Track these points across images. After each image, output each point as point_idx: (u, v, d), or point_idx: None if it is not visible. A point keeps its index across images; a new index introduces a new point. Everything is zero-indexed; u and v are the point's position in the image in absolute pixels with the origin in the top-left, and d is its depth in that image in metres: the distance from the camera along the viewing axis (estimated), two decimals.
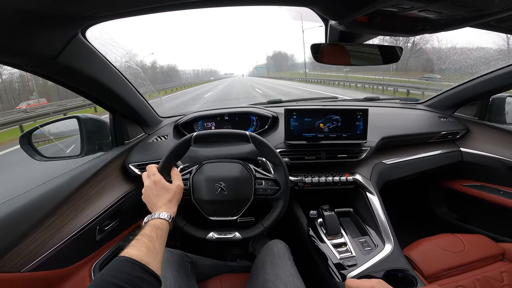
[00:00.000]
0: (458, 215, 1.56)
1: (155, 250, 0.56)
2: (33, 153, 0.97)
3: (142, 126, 1.22)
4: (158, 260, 0.56)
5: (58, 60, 0.62)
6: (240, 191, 0.85)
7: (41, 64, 0.65)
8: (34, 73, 0.67)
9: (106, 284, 0.44)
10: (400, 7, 0.52)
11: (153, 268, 0.52)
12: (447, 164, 1.39)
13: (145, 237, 0.58)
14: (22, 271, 0.68)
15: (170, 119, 1.34)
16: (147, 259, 0.52)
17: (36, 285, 0.74)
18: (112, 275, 0.46)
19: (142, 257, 0.51)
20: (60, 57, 0.62)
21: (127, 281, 0.46)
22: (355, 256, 0.93)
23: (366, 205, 1.09)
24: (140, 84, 1.10)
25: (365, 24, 0.63)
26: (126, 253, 0.51)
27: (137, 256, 0.51)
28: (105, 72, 0.84)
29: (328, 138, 1.11)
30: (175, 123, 1.28)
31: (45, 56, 0.60)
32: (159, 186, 0.73)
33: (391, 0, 0.47)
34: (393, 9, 0.54)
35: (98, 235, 0.92)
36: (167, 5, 0.53)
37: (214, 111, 1.34)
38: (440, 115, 1.45)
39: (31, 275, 0.71)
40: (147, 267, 0.50)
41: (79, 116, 1.01)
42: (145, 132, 1.24)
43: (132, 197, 1.07)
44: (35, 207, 0.75)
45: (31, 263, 0.71)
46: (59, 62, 0.63)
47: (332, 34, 0.80)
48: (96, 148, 1.07)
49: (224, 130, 0.93)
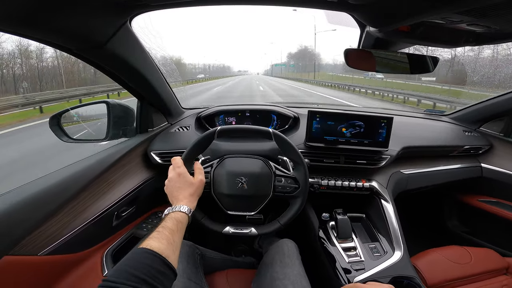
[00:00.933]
0: (468, 229, 1.55)
1: (174, 243, 0.57)
2: (60, 134, 1.00)
3: (166, 116, 1.24)
4: (177, 253, 0.56)
5: (106, 47, 0.64)
6: (260, 187, 0.86)
7: (90, 49, 0.67)
8: (81, 57, 0.69)
9: (128, 275, 0.44)
10: (449, 19, 0.51)
11: (171, 262, 0.52)
12: (466, 179, 1.37)
13: (166, 230, 0.58)
14: (38, 254, 0.68)
15: (192, 111, 1.36)
16: (167, 252, 0.52)
17: (50, 269, 0.73)
18: (133, 267, 0.46)
19: (163, 250, 0.51)
20: (108, 44, 0.64)
21: (147, 273, 0.46)
22: (364, 261, 0.94)
23: (380, 212, 1.09)
24: (169, 75, 1.12)
25: (406, 34, 0.62)
26: (148, 245, 0.51)
27: (158, 249, 0.51)
28: (143, 61, 0.86)
29: (349, 143, 1.11)
30: (197, 115, 1.30)
31: (96, 41, 0.63)
32: (182, 179, 0.73)
33: (440, 13, 0.46)
34: (440, 21, 0.53)
35: (115, 220, 0.93)
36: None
37: (236, 107, 1.36)
38: (465, 129, 1.41)
39: (46, 259, 0.70)
40: (167, 260, 0.51)
41: (108, 101, 1.04)
42: (168, 121, 1.26)
43: (149, 184, 1.10)
44: (61, 189, 0.76)
45: (48, 246, 0.70)
46: (106, 49, 0.65)
47: (367, 40, 0.80)
48: (120, 133, 1.10)
49: (248, 126, 0.93)
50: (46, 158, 4.13)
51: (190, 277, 0.80)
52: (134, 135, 1.13)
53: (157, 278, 0.47)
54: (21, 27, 0.54)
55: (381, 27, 0.63)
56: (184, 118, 1.32)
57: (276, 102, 1.44)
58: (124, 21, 0.65)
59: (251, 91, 17.05)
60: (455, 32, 0.61)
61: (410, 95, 10.69)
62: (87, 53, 0.71)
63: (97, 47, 0.65)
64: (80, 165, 0.86)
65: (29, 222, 0.66)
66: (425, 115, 1.56)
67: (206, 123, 1.29)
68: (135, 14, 0.65)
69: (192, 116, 1.32)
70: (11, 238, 0.61)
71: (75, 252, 0.79)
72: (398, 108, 1.71)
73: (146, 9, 0.62)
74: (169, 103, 1.19)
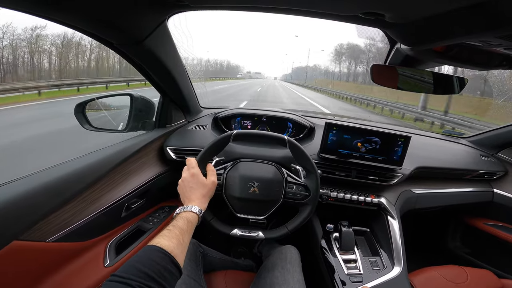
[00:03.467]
0: (469, 250, 1.57)
1: (184, 243, 0.57)
2: (83, 122, 1.03)
3: (184, 113, 1.26)
4: (184, 253, 0.57)
5: (144, 43, 0.66)
6: (271, 193, 0.87)
7: (130, 45, 0.69)
8: (119, 51, 0.72)
9: (137, 272, 0.45)
10: (487, 42, 0.51)
11: (179, 261, 0.52)
12: (475, 202, 1.37)
13: (177, 229, 0.58)
14: (47, 240, 0.68)
15: (210, 110, 1.38)
16: (176, 251, 0.52)
17: (55, 256, 0.73)
18: (143, 264, 0.47)
19: (172, 248, 0.52)
20: (146, 41, 0.66)
21: (155, 271, 0.46)
22: (362, 273, 0.95)
23: (384, 228, 1.09)
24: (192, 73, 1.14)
25: (439, 54, 0.62)
26: (158, 242, 0.52)
27: (168, 247, 0.52)
28: (173, 59, 0.88)
29: (363, 158, 1.10)
30: (214, 115, 1.32)
31: (136, 37, 0.65)
32: (195, 180, 0.74)
33: (482, 37, 0.46)
34: (477, 44, 0.53)
35: (124, 212, 0.94)
36: (254, 6, 0.56)
37: (254, 111, 1.37)
38: (482, 153, 1.41)
39: (54, 246, 0.70)
40: (175, 260, 0.51)
41: (132, 94, 1.06)
42: (186, 119, 1.28)
43: (161, 179, 1.11)
44: (80, 177, 0.77)
45: (58, 233, 0.70)
46: (144, 45, 0.67)
47: (395, 56, 0.80)
48: (139, 126, 1.12)
49: (264, 132, 0.94)
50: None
51: (190, 274, 0.81)
52: (152, 129, 1.15)
53: (164, 276, 0.47)
54: (70, 17, 0.57)
55: (414, 45, 0.63)
56: (201, 117, 1.33)
57: (293, 110, 1.45)
58: (163, 19, 0.67)
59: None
60: (490, 55, 0.61)
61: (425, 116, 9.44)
62: (125, 48, 0.73)
63: (136, 43, 0.67)
64: (100, 154, 0.88)
65: (45, 208, 0.67)
66: (443, 136, 1.55)
67: (222, 124, 1.31)
68: (174, 13, 0.67)
69: (209, 115, 1.34)
70: (23, 223, 0.62)
71: (82, 240, 0.79)
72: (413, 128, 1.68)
73: (185, 9, 0.64)
74: (189, 101, 1.21)
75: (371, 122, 1.49)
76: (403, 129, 1.47)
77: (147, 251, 0.50)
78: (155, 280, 0.45)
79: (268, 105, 11.49)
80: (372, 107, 13.13)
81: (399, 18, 0.54)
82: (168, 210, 1.14)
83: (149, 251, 0.50)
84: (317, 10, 0.57)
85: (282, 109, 1.44)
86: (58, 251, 0.72)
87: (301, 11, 0.59)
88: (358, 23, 0.64)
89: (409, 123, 9.53)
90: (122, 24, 0.61)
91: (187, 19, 0.79)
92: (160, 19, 0.66)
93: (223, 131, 1.29)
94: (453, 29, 0.50)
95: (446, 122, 8.00)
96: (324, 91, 24.89)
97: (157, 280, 0.45)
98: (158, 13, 0.64)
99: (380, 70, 0.85)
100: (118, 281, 0.43)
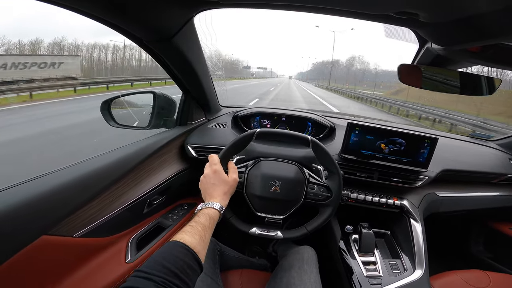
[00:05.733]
0: (492, 254, 1.53)
1: (205, 240, 0.57)
2: (108, 119, 1.06)
3: (205, 111, 1.28)
4: (205, 250, 0.57)
5: (172, 41, 0.67)
6: (292, 192, 0.87)
7: (159, 41, 0.70)
8: (147, 48, 0.73)
9: (161, 268, 0.45)
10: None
11: (201, 257, 0.52)
12: (502, 207, 1.33)
13: (199, 225, 0.58)
14: (74, 235, 0.68)
15: (229, 109, 1.39)
16: (199, 248, 0.53)
17: (81, 251, 0.73)
18: (167, 259, 0.47)
19: (195, 245, 0.52)
20: (174, 38, 0.67)
21: (178, 267, 0.46)
22: (382, 276, 0.93)
23: (407, 231, 1.06)
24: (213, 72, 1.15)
25: (474, 54, 0.60)
26: (181, 238, 0.52)
27: (191, 243, 0.52)
28: (198, 57, 0.89)
29: (386, 160, 1.07)
30: (234, 114, 1.33)
31: (164, 34, 0.66)
32: (217, 177, 0.75)
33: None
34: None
35: (146, 208, 0.95)
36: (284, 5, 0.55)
37: (274, 110, 1.37)
38: (511, 157, 1.34)
39: (80, 241, 0.70)
40: (197, 256, 0.51)
41: (155, 92, 1.08)
42: (206, 117, 1.30)
43: (182, 176, 1.13)
44: (107, 173, 0.78)
45: (84, 228, 0.71)
46: (171, 42, 0.68)
47: (425, 56, 0.77)
48: (161, 123, 1.14)
49: (287, 131, 0.94)
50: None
51: (207, 272, 0.82)
52: (173, 127, 1.18)
53: (187, 272, 0.47)
54: (102, 12, 0.58)
55: (447, 45, 0.61)
56: (221, 116, 1.35)
57: (313, 109, 1.44)
58: (191, 17, 0.67)
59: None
60: None
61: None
62: (153, 45, 0.74)
63: (164, 40, 0.68)
64: (125, 151, 0.90)
65: (73, 203, 0.68)
66: (471, 138, 1.49)
67: (242, 123, 1.32)
68: (202, 10, 0.67)
69: (229, 114, 1.35)
70: (52, 218, 0.63)
71: (105, 236, 0.80)
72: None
73: (214, 6, 0.64)
74: (210, 99, 1.23)
75: (394, 123, 1.45)
76: (428, 131, 1.42)
77: (171, 247, 0.50)
78: (178, 276, 0.45)
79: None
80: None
81: (434, 17, 0.52)
82: (186, 207, 1.15)
83: (173, 247, 0.50)
84: (348, 9, 0.56)
85: (302, 108, 1.43)
86: (83, 247, 0.73)
87: (331, 9, 0.58)
88: (390, 23, 0.62)
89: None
90: (152, 20, 0.61)
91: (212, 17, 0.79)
92: (188, 16, 0.66)
93: (242, 130, 1.29)
94: (491, 30, 0.48)
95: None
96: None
97: (180, 276, 0.45)
98: (187, 10, 0.64)
99: (408, 70, 0.83)
100: (142, 277, 0.43)
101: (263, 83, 33.79)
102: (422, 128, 1.49)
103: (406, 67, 0.83)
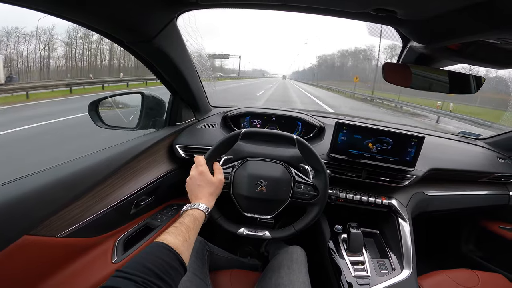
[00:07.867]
0: (482, 253, 1.54)
1: (189, 240, 0.57)
2: (96, 119, 1.05)
3: (194, 111, 1.27)
4: (190, 251, 0.57)
5: (154, 41, 0.67)
6: (279, 192, 0.86)
7: (140, 43, 0.70)
8: (129, 49, 0.73)
9: (142, 268, 0.45)
10: (505, 40, 0.48)
11: (184, 258, 0.52)
12: (490, 205, 1.34)
13: (183, 226, 0.58)
14: (57, 236, 0.67)
15: (219, 109, 1.39)
16: (182, 249, 0.53)
17: (65, 252, 0.72)
18: (148, 260, 0.47)
19: (178, 246, 0.52)
20: (155, 39, 0.67)
21: (160, 268, 0.46)
22: (370, 276, 0.94)
23: (395, 230, 1.07)
24: (202, 72, 1.15)
25: (454, 52, 0.60)
26: (164, 239, 0.52)
27: (173, 244, 0.52)
28: (182, 57, 0.89)
29: (374, 159, 1.08)
30: (224, 114, 1.32)
31: (146, 35, 0.66)
32: (203, 178, 0.75)
33: (501, 34, 0.44)
34: (495, 41, 0.50)
35: (133, 209, 0.94)
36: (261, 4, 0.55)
37: (263, 110, 1.37)
38: (499, 155, 1.35)
39: (63, 241, 0.69)
40: (180, 257, 0.51)
41: (143, 92, 1.08)
42: (195, 117, 1.29)
43: (171, 177, 1.12)
44: (92, 173, 0.77)
45: (68, 228, 0.70)
46: (153, 43, 0.68)
47: (408, 55, 0.78)
48: (150, 124, 1.13)
49: (273, 131, 0.94)
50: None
51: (196, 272, 0.82)
52: (163, 127, 1.17)
53: (169, 273, 0.47)
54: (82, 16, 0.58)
55: (428, 43, 0.61)
56: (211, 116, 1.34)
57: (303, 109, 1.44)
58: (172, 17, 0.68)
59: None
60: (509, 53, 0.58)
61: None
62: (135, 46, 0.74)
63: (146, 41, 0.68)
64: (112, 151, 0.89)
65: (56, 203, 0.67)
66: (459, 137, 1.50)
67: (231, 123, 1.31)
68: (183, 11, 0.68)
69: (218, 114, 1.34)
70: (34, 218, 0.62)
71: (91, 236, 0.79)
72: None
73: (195, 7, 0.64)
74: (199, 99, 1.22)
75: (383, 122, 1.45)
76: (416, 129, 1.43)
77: (153, 248, 0.50)
78: (159, 276, 0.45)
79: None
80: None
81: (411, 15, 0.52)
82: (176, 208, 1.15)
83: (155, 248, 0.50)
84: (326, 7, 0.56)
85: (292, 108, 1.43)
86: (67, 247, 0.72)
87: (310, 8, 0.58)
88: (369, 21, 0.62)
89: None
90: (132, 22, 0.62)
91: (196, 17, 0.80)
92: (169, 17, 0.67)
93: (232, 130, 1.29)
94: (469, 26, 0.48)
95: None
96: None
97: (161, 277, 0.45)
98: (168, 11, 0.64)
99: (392, 68, 0.83)
100: (123, 277, 0.43)
101: (252, 83, 32.79)
102: (410, 127, 1.49)
103: (390, 65, 0.83)
